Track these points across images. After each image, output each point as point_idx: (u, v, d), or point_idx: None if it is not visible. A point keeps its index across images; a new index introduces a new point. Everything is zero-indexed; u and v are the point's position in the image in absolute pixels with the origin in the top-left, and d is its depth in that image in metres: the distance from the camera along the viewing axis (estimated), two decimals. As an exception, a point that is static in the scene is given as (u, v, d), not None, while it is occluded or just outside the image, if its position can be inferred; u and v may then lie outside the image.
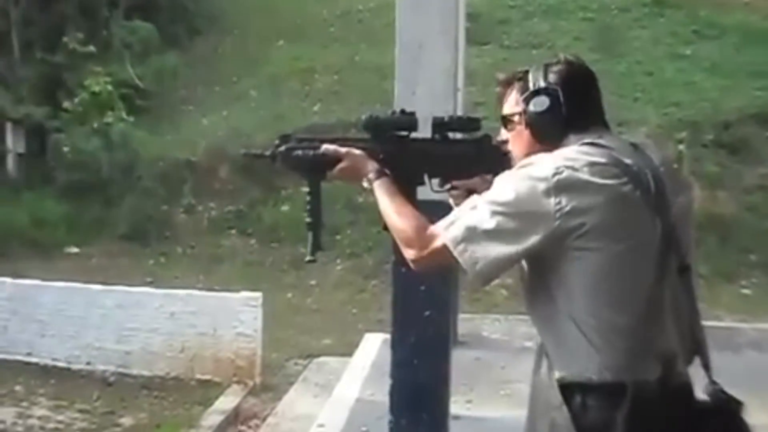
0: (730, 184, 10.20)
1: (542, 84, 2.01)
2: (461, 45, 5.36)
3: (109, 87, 12.43)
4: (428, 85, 3.19)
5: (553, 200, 1.84)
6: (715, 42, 12.66)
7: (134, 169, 11.94)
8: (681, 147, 9.93)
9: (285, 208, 11.04)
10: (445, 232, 1.94)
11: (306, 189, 2.36)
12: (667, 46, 12.67)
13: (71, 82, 12.80)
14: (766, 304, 8.39)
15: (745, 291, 8.92)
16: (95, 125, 12.11)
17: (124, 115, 12.43)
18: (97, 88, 12.33)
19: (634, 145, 1.98)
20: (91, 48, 13.00)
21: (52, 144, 12.44)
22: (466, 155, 2.29)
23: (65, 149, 12.03)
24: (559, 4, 13.95)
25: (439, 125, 2.31)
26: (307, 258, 2.40)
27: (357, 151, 2.24)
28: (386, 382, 3.49)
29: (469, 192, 2.14)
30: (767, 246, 9.55)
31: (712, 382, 1.96)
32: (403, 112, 2.29)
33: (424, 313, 3.23)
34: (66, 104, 12.41)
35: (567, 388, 1.91)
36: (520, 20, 13.70)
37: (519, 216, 1.87)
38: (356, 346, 6.67)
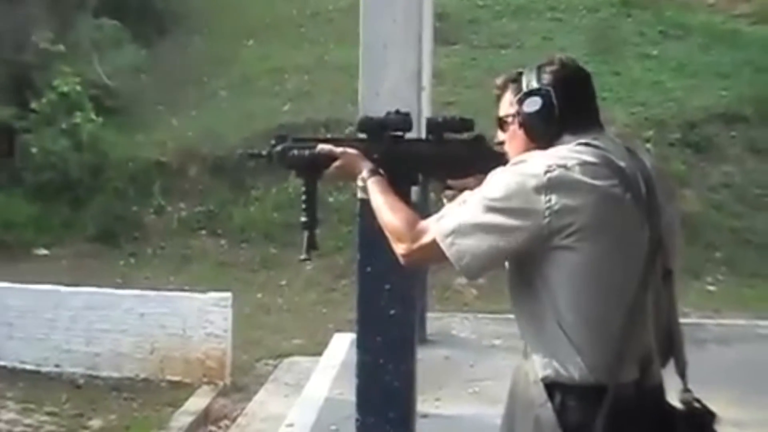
0: (695, 182, 10.33)
1: (535, 85, 2.04)
2: (427, 45, 5.39)
3: (78, 87, 12.31)
4: (392, 84, 3.21)
5: (543, 198, 1.86)
6: (681, 42, 12.81)
7: (103, 169, 11.85)
8: (648, 146, 10.04)
9: (255, 208, 11.03)
10: (435, 226, 1.97)
11: (303, 188, 2.38)
12: (634, 46, 12.80)
13: (40, 82, 12.66)
14: (731, 300, 8.52)
15: (711, 288, 9.03)
16: (64, 126, 11.99)
17: (93, 115, 12.30)
18: (65, 89, 12.21)
19: (629, 149, 2.00)
20: (61, 47, 12.88)
21: (20, 145, 12.30)
22: (459, 155, 2.33)
23: (33, 150, 11.90)
24: (527, 4, 14.03)
25: (433, 126, 2.35)
26: (302, 257, 2.42)
27: (352, 151, 2.28)
28: (355, 382, 3.51)
29: (463, 192, 2.16)
30: (732, 243, 9.69)
31: (687, 390, 1.99)
32: (398, 112, 2.33)
33: (390, 312, 3.24)
34: (34, 104, 12.28)
35: (549, 387, 1.93)
36: (489, 20, 13.76)
37: (509, 212, 1.88)
38: (326, 345, 6.69)
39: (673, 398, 2.01)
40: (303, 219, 2.38)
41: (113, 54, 13.66)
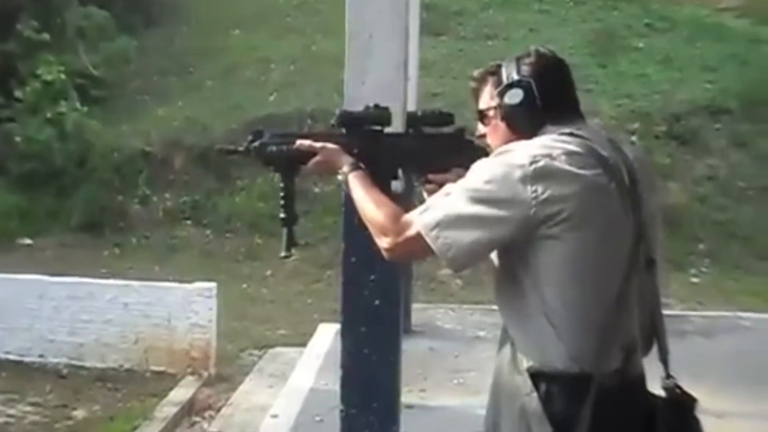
0: (680, 174, 10.38)
1: (515, 77, 2.05)
2: (414, 35, 5.38)
3: (63, 76, 12.24)
4: (378, 74, 3.19)
5: (529, 188, 1.86)
6: (667, 35, 12.86)
7: (88, 159, 11.78)
8: (633, 138, 10.08)
9: (240, 198, 11.00)
10: (419, 218, 1.96)
11: (281, 185, 2.35)
12: (620, 39, 12.82)
13: (24, 71, 12.58)
14: (714, 292, 8.58)
15: (694, 279, 9.09)
16: (48, 115, 11.92)
17: (77, 104, 12.24)
18: (50, 77, 12.14)
19: (610, 139, 2.02)
20: (46, 36, 12.80)
21: (4, 134, 12.19)
22: (440, 149, 2.32)
23: (17, 139, 11.82)
24: (514, -4, 14.05)
25: (413, 119, 2.34)
26: (282, 254, 2.39)
27: (331, 146, 2.25)
28: (340, 372, 3.50)
29: (444, 186, 2.15)
30: (716, 236, 9.76)
31: (669, 377, 2.00)
32: (377, 106, 2.31)
33: (374, 303, 3.23)
34: (18, 93, 12.19)
35: (534, 377, 1.94)
36: (476, 11, 13.77)
37: (494, 202, 1.88)
38: (311, 336, 6.69)
39: (656, 386, 2.02)
40: (281, 216, 2.35)
41: (99, 42, 13.58)
